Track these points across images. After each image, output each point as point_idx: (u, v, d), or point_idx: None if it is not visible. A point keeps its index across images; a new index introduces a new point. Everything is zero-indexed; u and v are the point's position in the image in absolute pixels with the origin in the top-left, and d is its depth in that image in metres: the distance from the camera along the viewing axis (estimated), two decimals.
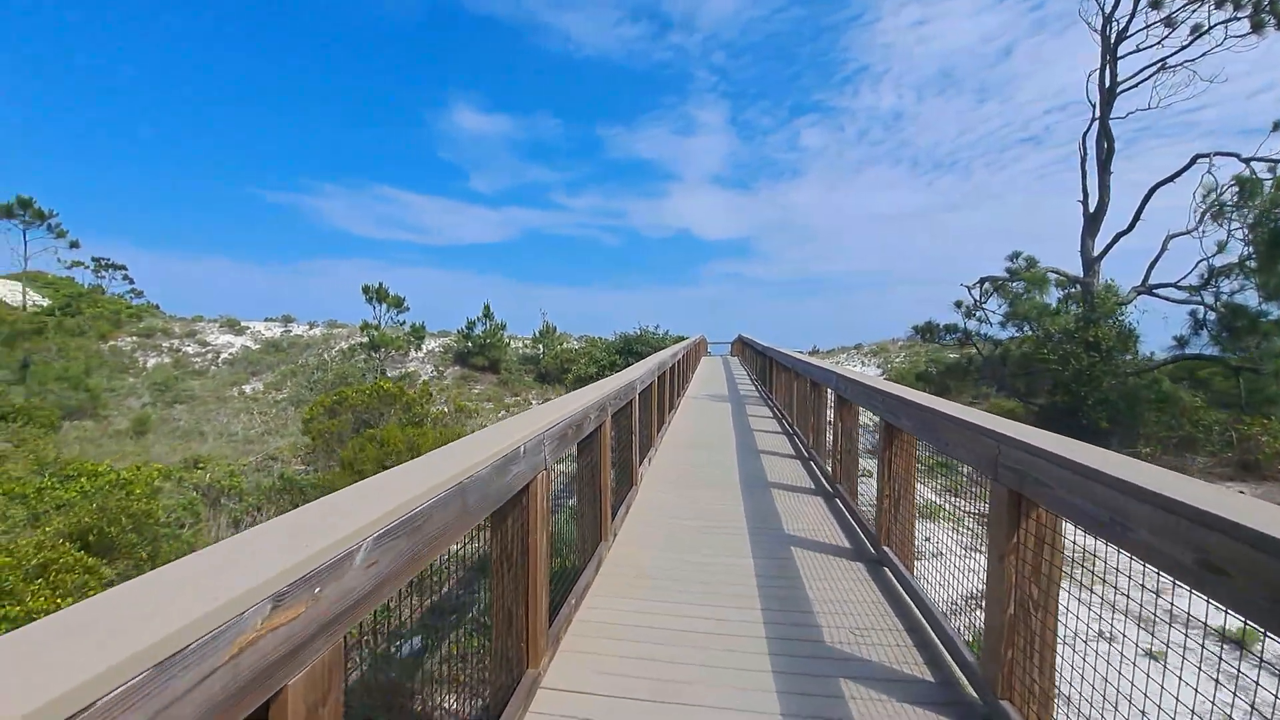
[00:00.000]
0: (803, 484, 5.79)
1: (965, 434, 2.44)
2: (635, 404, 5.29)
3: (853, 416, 5.12)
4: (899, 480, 3.63)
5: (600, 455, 3.78)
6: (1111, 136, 10.47)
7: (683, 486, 5.67)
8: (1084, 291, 10.65)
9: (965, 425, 2.43)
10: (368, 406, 9.63)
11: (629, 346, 18.80)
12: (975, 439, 2.35)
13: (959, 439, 2.52)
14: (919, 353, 25.85)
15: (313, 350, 29.91)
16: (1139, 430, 9.22)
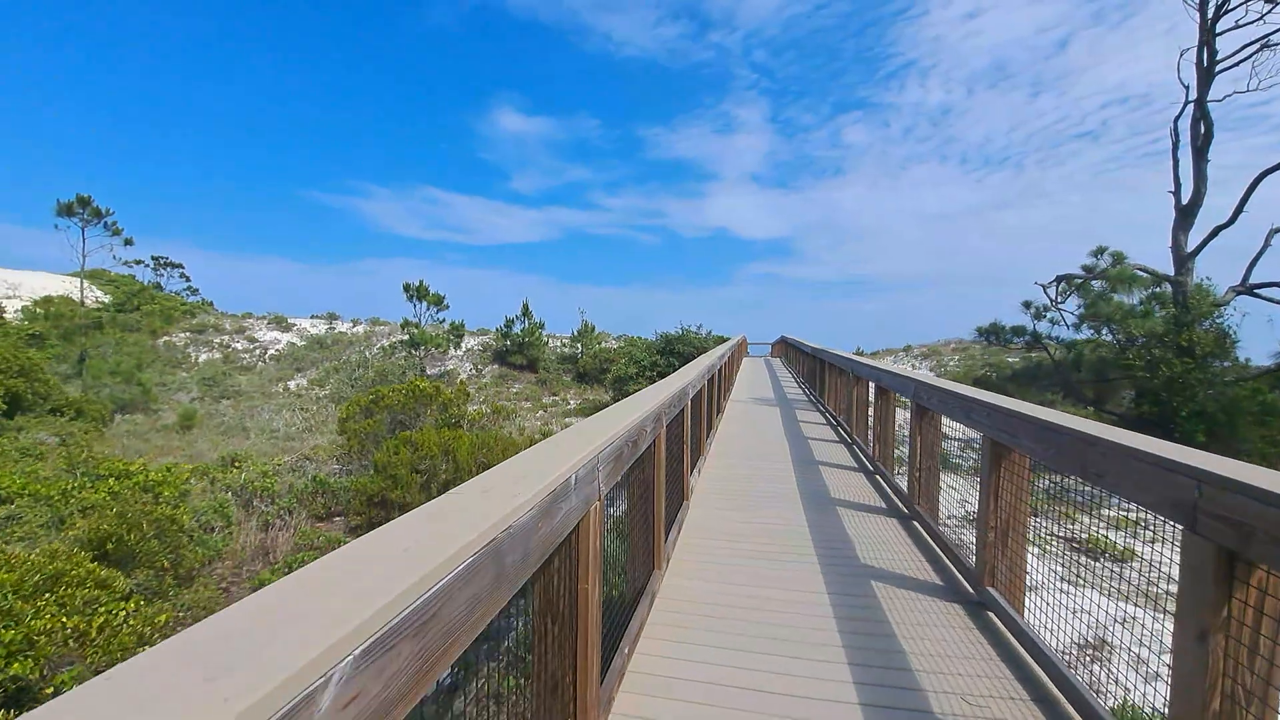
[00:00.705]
0: (871, 502, 5.23)
1: (1135, 466, 1.89)
2: (687, 411, 4.83)
3: (934, 429, 4.54)
4: (1007, 510, 3.07)
5: (654, 473, 3.33)
6: (1210, 120, 9.46)
7: (738, 502, 5.17)
8: (1176, 291, 9.69)
9: (1136, 455, 1.88)
10: (403, 406, 9.37)
11: (670, 347, 18.30)
12: (1154, 474, 1.81)
13: (1122, 471, 1.98)
14: (974, 355, 24.63)
15: (355, 348, 30.37)
16: (1240, 446, 8.29)
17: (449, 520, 1.18)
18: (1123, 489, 1.96)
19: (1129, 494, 1.95)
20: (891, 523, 4.64)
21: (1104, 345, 11.21)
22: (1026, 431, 2.71)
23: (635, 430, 2.58)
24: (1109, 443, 2.03)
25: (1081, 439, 2.21)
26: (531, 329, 27.72)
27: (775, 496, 5.34)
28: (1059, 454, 2.42)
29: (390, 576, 0.88)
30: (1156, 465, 1.80)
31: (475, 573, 1.08)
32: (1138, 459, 1.89)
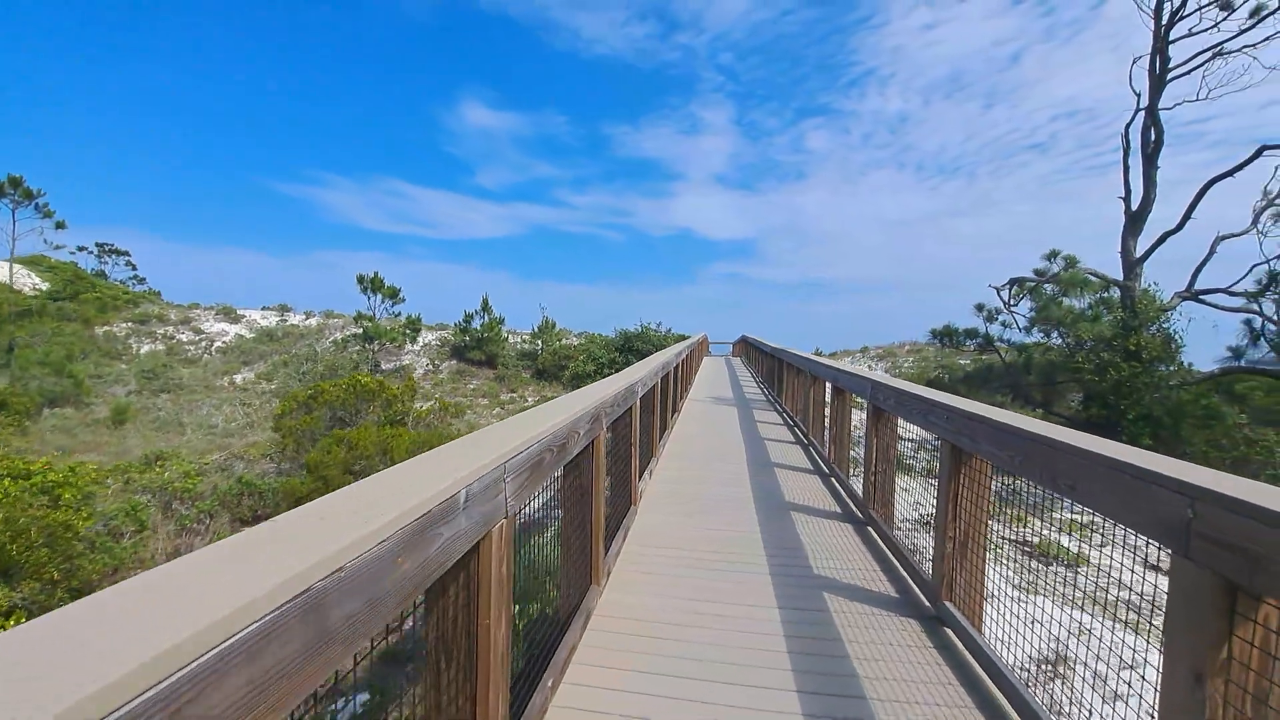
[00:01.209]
0: (826, 506, 5.04)
1: (1115, 479, 1.69)
2: (636, 410, 4.55)
3: (891, 431, 4.37)
4: (966, 519, 2.88)
5: (592, 479, 3.03)
6: (1161, 127, 9.67)
7: (690, 507, 4.92)
8: (1124, 296, 9.88)
9: (1116, 466, 1.68)
10: (343, 402, 8.82)
11: (629, 344, 18.03)
12: (1137, 489, 1.60)
13: (1100, 484, 1.77)
14: (927, 357, 25.08)
15: (307, 341, 29.23)
16: (1184, 449, 8.47)
17: (255, 560, 0.86)
18: (1101, 504, 1.76)
19: (1109, 511, 1.74)
20: (846, 529, 4.46)
21: (1053, 349, 11.40)
22: (989, 436, 2.51)
23: (563, 433, 2.29)
24: (1083, 451, 1.83)
25: (1050, 445, 2.01)
26: (491, 324, 27.11)
27: (728, 501, 5.12)
28: (1025, 461, 2.22)
29: (137, 643, 0.58)
30: (1140, 479, 1.59)
31: (267, 641, 0.77)
32: (1117, 470, 1.69)
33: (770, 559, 3.81)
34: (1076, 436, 1.97)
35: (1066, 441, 1.91)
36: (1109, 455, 1.71)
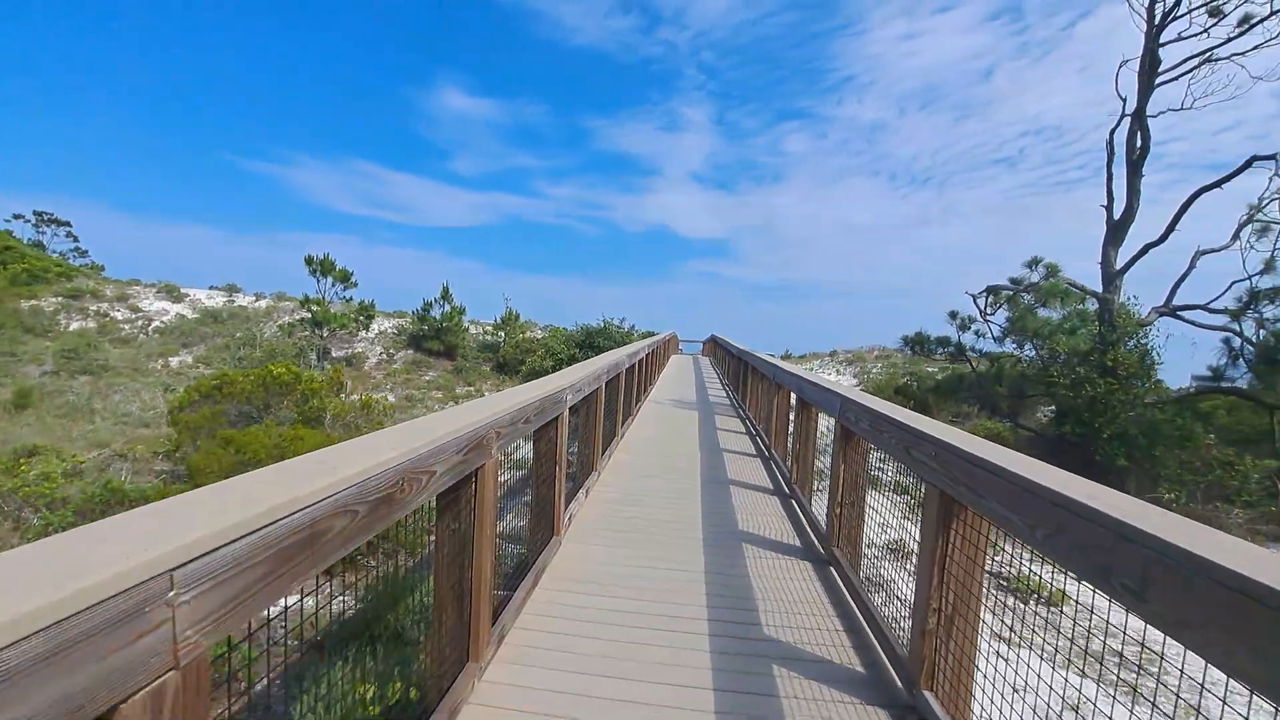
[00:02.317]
0: (784, 538, 4.39)
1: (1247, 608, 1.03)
2: (563, 423, 3.82)
3: (861, 457, 3.72)
4: (956, 589, 2.23)
5: (474, 524, 2.30)
6: (1148, 132, 9.29)
7: (626, 536, 4.21)
8: (1103, 308, 9.51)
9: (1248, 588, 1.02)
10: (250, 396, 7.83)
11: (590, 340, 17.27)
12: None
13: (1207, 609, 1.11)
14: (896, 363, 24.88)
15: (253, 323, 27.71)
16: (1159, 471, 8.12)
17: None
18: (1210, 652, 1.09)
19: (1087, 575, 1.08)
20: (805, 570, 3.80)
21: (1024, 362, 11.03)
22: (1000, 491, 1.85)
23: (391, 476, 1.55)
24: (1174, 547, 1.16)
25: (1102, 523, 1.34)
26: (451, 314, 26.03)
27: (673, 528, 4.42)
28: (1057, 535, 1.56)
29: None
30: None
31: None
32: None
33: (713, 613, 3.13)
34: (1160, 517, 1.30)
35: (1140, 528, 1.24)
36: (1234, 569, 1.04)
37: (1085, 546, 1.43)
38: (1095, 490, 1.55)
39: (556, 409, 3.61)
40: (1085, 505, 1.41)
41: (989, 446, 2.11)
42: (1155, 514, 1.32)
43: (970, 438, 2.30)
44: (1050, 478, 1.65)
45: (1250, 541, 1.81)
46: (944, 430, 2.43)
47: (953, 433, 2.37)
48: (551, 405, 3.47)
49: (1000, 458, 1.93)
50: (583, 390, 4.40)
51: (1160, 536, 1.20)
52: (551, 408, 3.48)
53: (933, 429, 2.46)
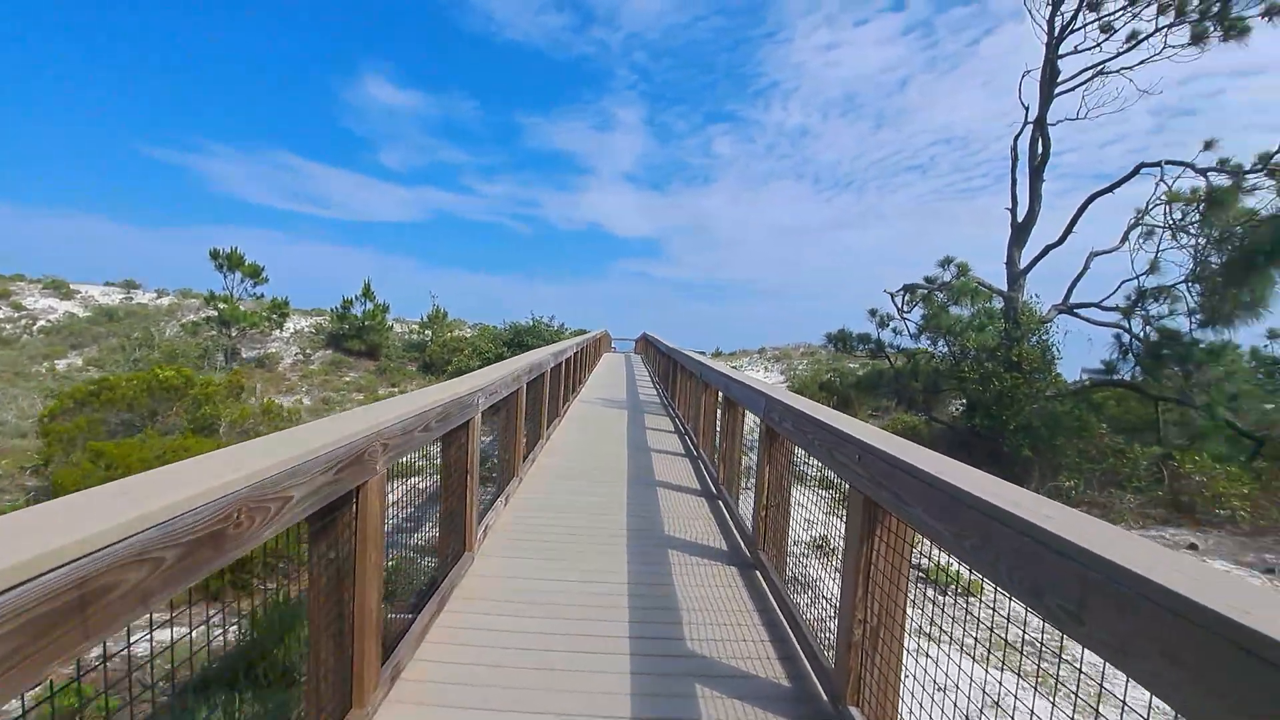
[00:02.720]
0: (711, 541, 4.27)
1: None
2: (475, 427, 3.54)
3: (786, 458, 3.64)
4: (881, 599, 2.13)
5: (354, 554, 2.01)
6: (1049, 139, 9.88)
7: (546, 548, 3.98)
8: (1008, 307, 10.03)
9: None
10: (133, 402, 7.02)
11: (519, 339, 16.81)
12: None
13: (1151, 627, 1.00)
14: (820, 360, 25.65)
15: (153, 322, 25.46)
16: (1060, 460, 8.62)
17: None
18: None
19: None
20: (731, 575, 3.68)
21: (938, 358, 11.51)
22: (926, 498, 1.75)
23: (220, 508, 1.26)
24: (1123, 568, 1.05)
25: (1039, 538, 1.23)
26: (374, 312, 24.81)
27: (596, 536, 4.22)
28: (984, 545, 1.45)
29: None
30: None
31: None
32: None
33: (635, 627, 2.94)
34: (1095, 529, 1.20)
35: (1079, 545, 1.13)
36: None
37: (1014, 555, 1.33)
38: (1020, 496, 1.46)
39: (465, 414, 3.34)
40: (1013, 515, 1.31)
41: (914, 450, 2.02)
42: (1090, 526, 1.22)
43: (894, 439, 2.21)
44: (975, 484, 1.55)
45: (1138, 526, 1.75)
46: (867, 432, 2.34)
47: (876, 434, 2.28)
48: (459, 410, 3.20)
49: (925, 461, 1.83)
50: (499, 392, 4.12)
51: (1098, 553, 1.09)
52: (459, 413, 3.21)
53: (856, 430, 2.37)
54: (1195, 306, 8.59)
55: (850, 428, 2.42)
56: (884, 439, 2.19)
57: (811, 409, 2.97)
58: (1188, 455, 7.92)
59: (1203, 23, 8.76)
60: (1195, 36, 9.11)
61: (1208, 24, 8.77)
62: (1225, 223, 7.82)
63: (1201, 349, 8.35)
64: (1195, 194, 8.67)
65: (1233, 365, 8.52)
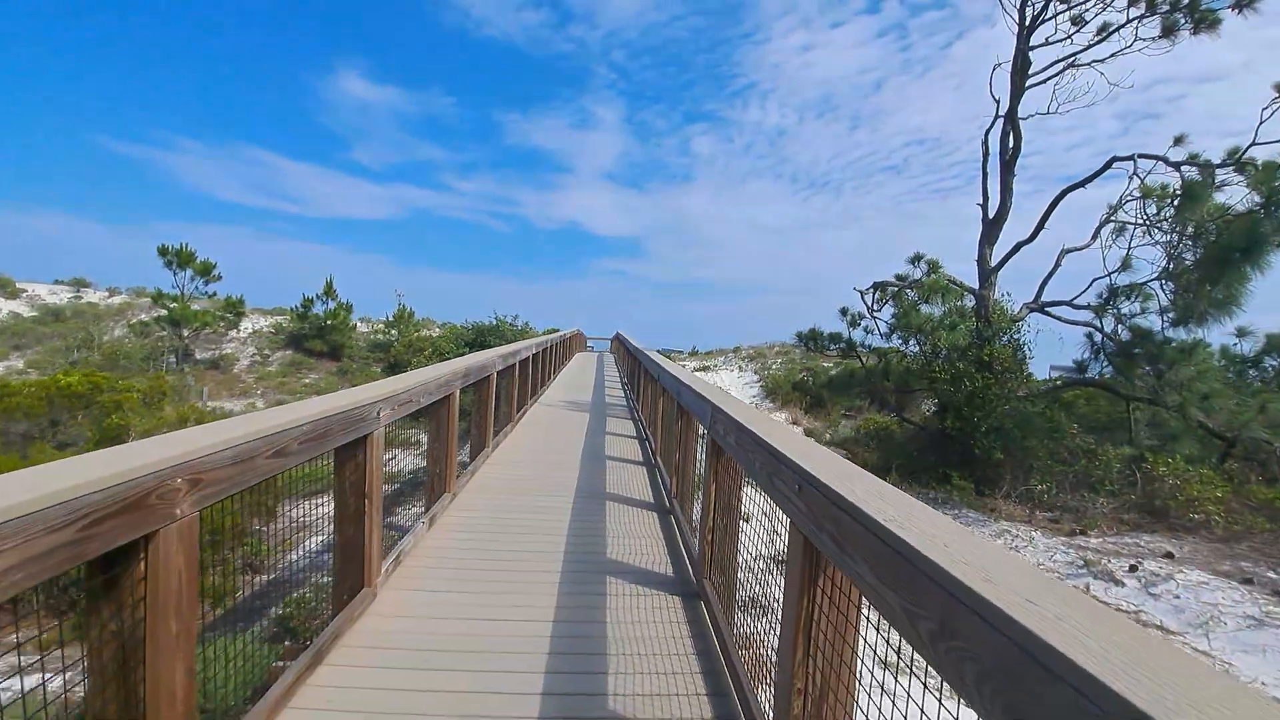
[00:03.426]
0: (657, 566, 3.85)
1: None
2: (374, 444, 3.08)
3: (733, 479, 3.23)
4: (827, 656, 1.73)
5: (144, 627, 1.55)
6: (1020, 133, 9.65)
7: (468, 581, 3.52)
8: (979, 305, 9.80)
9: None
10: (31, 411, 6.36)
11: (481, 338, 16.25)
12: None
13: None
14: (794, 359, 25.48)
15: (102, 322, 24.31)
16: (1032, 462, 8.40)
17: None
18: None
19: None
20: (674, 607, 3.27)
21: (908, 357, 11.27)
22: (871, 552, 1.34)
23: None
24: None
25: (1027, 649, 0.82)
26: (336, 310, 24.02)
27: (529, 564, 3.78)
28: (944, 633, 1.05)
29: None
30: None
31: None
32: None
33: (553, 680, 2.51)
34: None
35: (1044, 638, 0.72)
36: None
37: (997, 665, 0.92)
38: (1011, 572, 1.04)
39: (359, 429, 2.87)
40: (996, 609, 0.90)
41: (864, 482, 1.61)
42: None
43: (841, 466, 1.81)
44: (941, 543, 1.13)
45: (1113, 533, 1.32)
46: (811, 455, 1.93)
47: (823, 459, 1.87)
48: (347, 427, 2.73)
49: (872, 501, 1.42)
50: (415, 401, 3.65)
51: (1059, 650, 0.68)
52: (347, 430, 2.74)
53: (796, 453, 1.96)
54: (1168, 304, 8.44)
55: (790, 449, 2.01)
56: (828, 466, 1.78)
57: (751, 420, 2.57)
58: (1160, 457, 7.73)
59: (1173, 15, 8.61)
60: (1166, 29, 8.95)
61: (1178, 16, 8.62)
62: (1200, 218, 7.65)
63: (1173, 348, 8.19)
64: (1166, 189, 8.50)
65: (1204, 364, 8.38)
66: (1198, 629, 4.89)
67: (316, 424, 2.41)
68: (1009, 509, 7.82)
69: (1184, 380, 7.96)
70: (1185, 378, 7.99)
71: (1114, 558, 6.20)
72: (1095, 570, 5.93)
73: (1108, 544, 6.68)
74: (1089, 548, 6.55)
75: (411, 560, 3.66)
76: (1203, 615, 5.01)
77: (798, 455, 1.92)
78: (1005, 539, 6.83)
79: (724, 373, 25.30)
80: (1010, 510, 7.76)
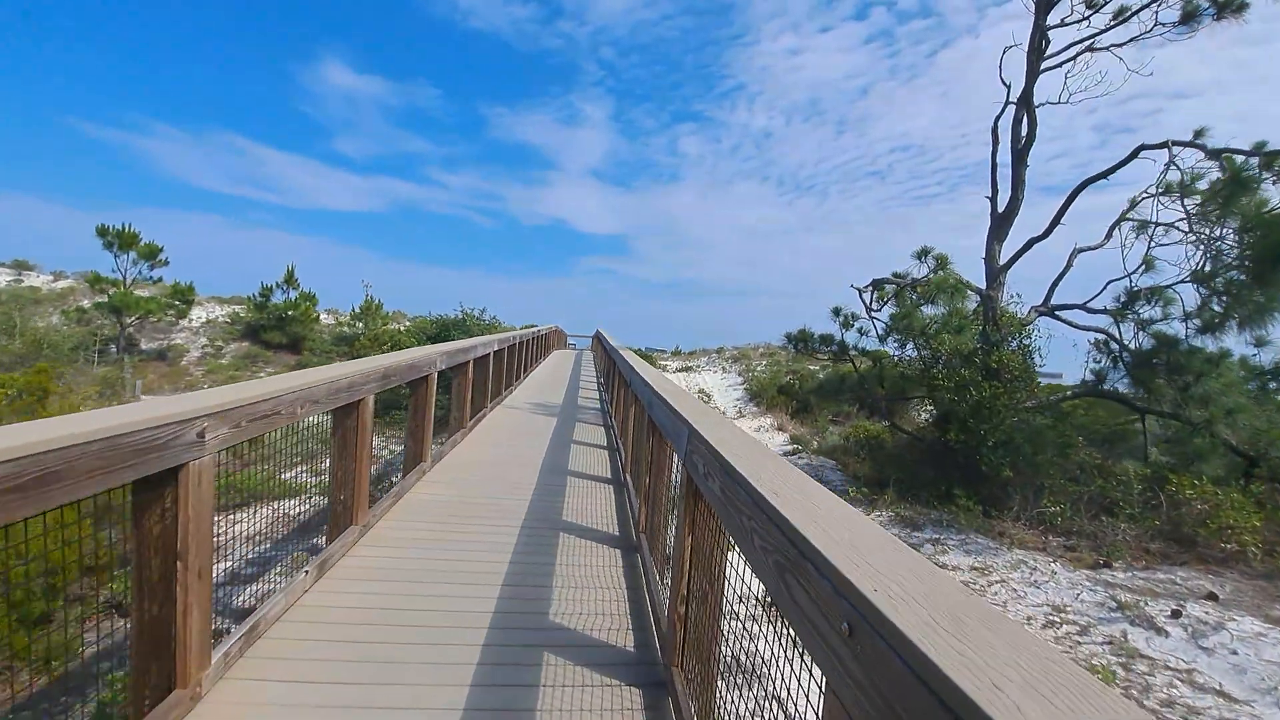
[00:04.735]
0: (615, 634, 2.92)
1: None
2: (190, 479, 2.10)
3: (716, 536, 2.31)
4: None
5: None
6: (1035, 118, 8.84)
7: (355, 665, 2.56)
8: (987, 306, 9.02)
9: None
10: None
11: (444, 333, 15.18)
12: None
13: None
14: (780, 361, 24.71)
15: (39, 307, 22.73)
16: (1043, 482, 7.63)
17: None
18: None
19: None
20: (631, 705, 2.34)
21: (904, 363, 10.48)
22: None
23: None
24: None
25: None
26: (298, 301, 22.73)
27: (441, 637, 2.82)
28: None
29: None
30: None
31: None
32: None
33: None
34: None
35: None
36: None
37: None
38: None
39: (161, 459, 1.91)
40: None
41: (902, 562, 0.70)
42: None
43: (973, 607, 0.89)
44: None
45: (1140, 566, 0.55)
46: (877, 561, 1.01)
47: (815, 518, 0.95)
48: (128, 458, 1.77)
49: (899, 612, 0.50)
50: (281, 414, 2.68)
51: None
52: (127, 463, 1.78)
53: (842, 551, 1.04)
54: (1194, 309, 7.73)
55: (823, 539, 1.09)
56: (827, 529, 0.87)
57: (749, 461, 1.64)
58: (1186, 478, 6.99)
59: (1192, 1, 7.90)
60: (1186, 15, 8.23)
61: (1200, 0, 7.91)
62: (1250, 210, 6.89)
63: (1200, 358, 7.46)
64: (1195, 177, 7.75)
65: (1228, 376, 7.67)
66: (1267, 695, 4.08)
67: (71, 454, 1.44)
68: (1019, 533, 7.02)
69: (1211, 394, 7.24)
70: (1213, 391, 7.27)
71: (1150, 598, 5.41)
72: (1132, 615, 5.12)
73: (1137, 579, 5.90)
74: (1118, 583, 5.76)
75: (278, 634, 2.68)
76: (1271, 679, 4.20)
77: (845, 560, 1.00)
78: (1022, 571, 6.01)
79: (707, 374, 24.45)
80: (1022, 535, 6.96)
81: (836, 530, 1.15)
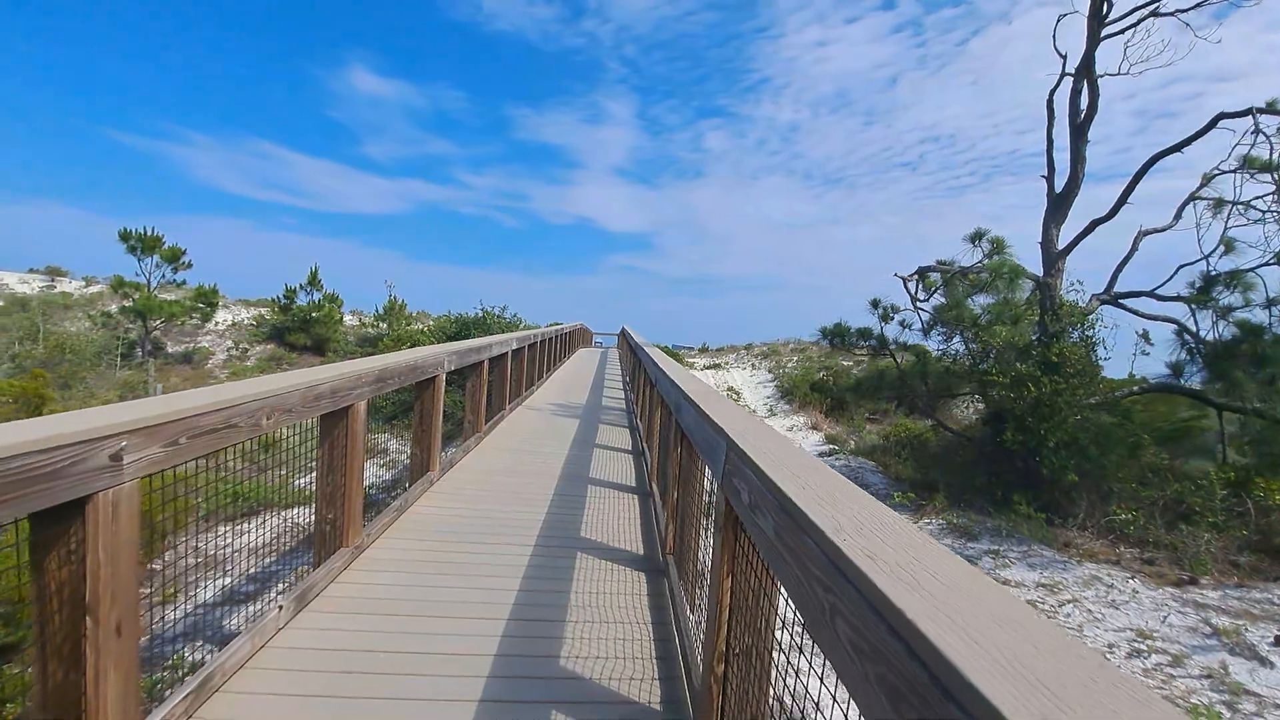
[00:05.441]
0: (638, 688, 2.44)
1: None
2: (97, 515, 1.67)
3: (763, 582, 1.80)
4: None
5: None
6: (1096, 89, 8.07)
7: (352, 703, 2.12)
8: (1045, 295, 8.30)
9: None
10: None
11: (464, 332, 14.86)
12: None
13: None
14: (811, 357, 23.98)
15: (68, 311, 23.13)
16: (1113, 487, 6.94)
17: None
18: None
19: None
20: None
21: (948, 357, 9.77)
22: None
23: None
24: None
25: None
26: (321, 303, 22.73)
27: (433, 687, 2.38)
28: None
29: None
30: None
31: None
32: None
33: None
34: None
35: None
36: None
37: None
38: None
39: (49, 494, 1.49)
40: None
41: None
42: None
43: None
44: None
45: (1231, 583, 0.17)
46: (925, 596, 0.50)
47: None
48: (13, 488, 1.35)
49: None
50: (236, 427, 2.25)
51: None
52: (11, 494, 1.36)
53: (887, 572, 0.54)
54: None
55: (978, 664, 0.58)
56: None
57: (824, 510, 1.14)
58: (1275, 482, 6.25)
59: None
60: None
61: None
62: None
63: None
64: None
65: None
66: None
67: None
68: (1088, 544, 6.35)
69: None
70: None
71: (1249, 622, 4.74)
72: (1231, 643, 4.47)
73: (1230, 599, 5.22)
74: (1209, 604, 5.09)
75: (239, 686, 2.26)
76: None
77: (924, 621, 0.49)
78: (1097, 589, 5.37)
79: (735, 371, 23.86)
80: (1090, 547, 6.29)
81: (992, 639, 0.64)
